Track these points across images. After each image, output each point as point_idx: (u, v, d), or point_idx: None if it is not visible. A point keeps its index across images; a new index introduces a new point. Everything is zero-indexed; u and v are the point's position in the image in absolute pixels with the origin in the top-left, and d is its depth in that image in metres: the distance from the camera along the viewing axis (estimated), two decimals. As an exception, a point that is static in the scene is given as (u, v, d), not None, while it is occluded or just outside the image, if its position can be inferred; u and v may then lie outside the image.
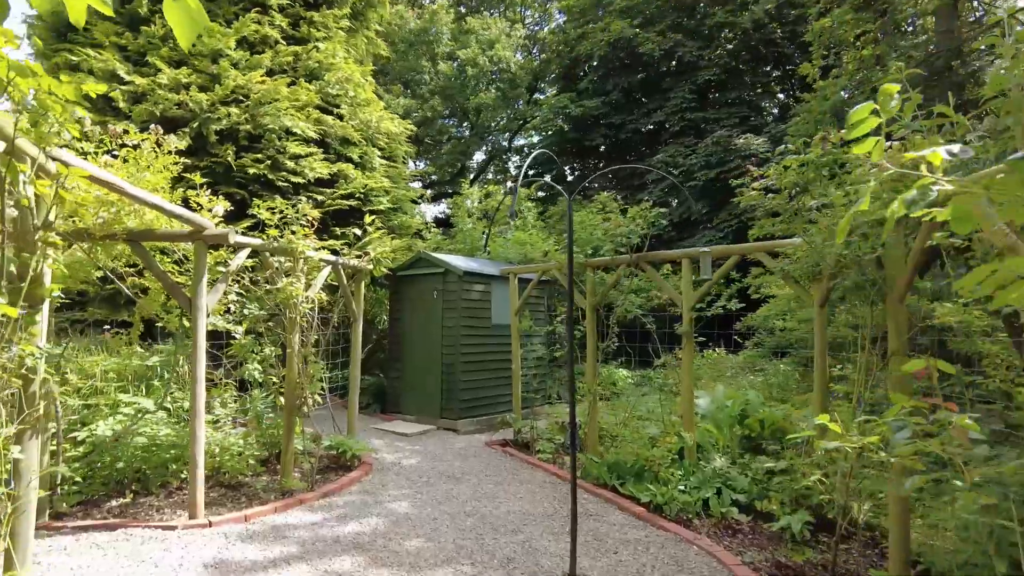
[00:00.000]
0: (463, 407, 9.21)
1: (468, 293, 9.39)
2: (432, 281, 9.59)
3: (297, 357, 6.02)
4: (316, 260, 6.42)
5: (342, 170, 9.57)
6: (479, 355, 9.54)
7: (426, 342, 9.64)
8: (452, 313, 9.30)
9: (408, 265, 9.96)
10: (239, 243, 5.38)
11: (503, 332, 10.02)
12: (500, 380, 9.95)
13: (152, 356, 7.07)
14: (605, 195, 14.30)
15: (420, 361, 9.72)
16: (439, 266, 9.48)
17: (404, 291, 10.05)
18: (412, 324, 9.90)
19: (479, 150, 28.77)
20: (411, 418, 9.74)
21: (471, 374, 9.38)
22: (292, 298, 5.89)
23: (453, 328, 9.27)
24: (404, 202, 11.32)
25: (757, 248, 6.04)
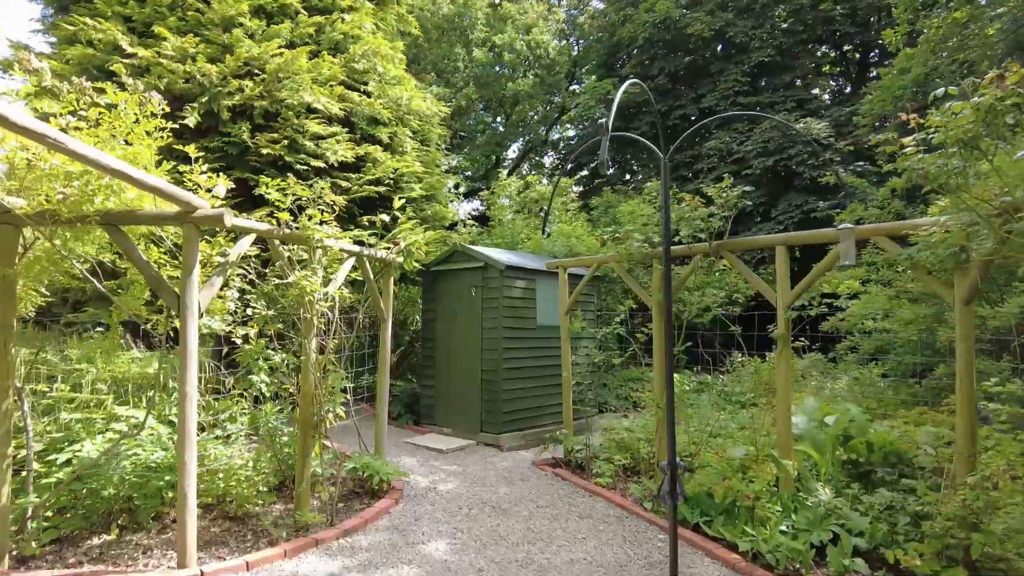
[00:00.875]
0: (506, 420, 8.22)
1: (510, 290, 8.39)
2: (470, 277, 8.62)
3: (314, 366, 5.09)
4: (336, 250, 5.50)
5: (369, 153, 8.68)
6: (523, 360, 8.54)
7: (463, 346, 8.67)
8: (493, 313, 8.32)
9: (443, 259, 9.02)
10: (239, 227, 4.47)
11: (550, 334, 8.99)
12: (547, 389, 8.93)
13: (154, 361, 6.25)
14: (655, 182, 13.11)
15: (457, 367, 8.76)
16: (478, 260, 8.51)
17: (439, 288, 9.11)
18: (448, 325, 8.94)
19: (515, 143, 27.76)
20: (447, 431, 8.79)
21: (515, 382, 8.38)
22: (307, 295, 4.97)
23: (494, 330, 8.29)
24: (438, 190, 10.39)
25: (877, 232, 4.87)
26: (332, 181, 8.26)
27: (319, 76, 8.27)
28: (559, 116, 28.60)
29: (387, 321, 6.61)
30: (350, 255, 5.89)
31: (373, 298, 6.38)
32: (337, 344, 5.56)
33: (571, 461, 7.28)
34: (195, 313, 4.13)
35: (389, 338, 6.66)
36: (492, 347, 8.30)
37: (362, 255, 6.02)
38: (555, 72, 25.00)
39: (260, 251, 5.23)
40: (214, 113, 7.43)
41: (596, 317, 9.90)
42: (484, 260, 8.42)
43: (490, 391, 8.29)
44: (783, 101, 21.63)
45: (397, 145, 9.44)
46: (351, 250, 5.83)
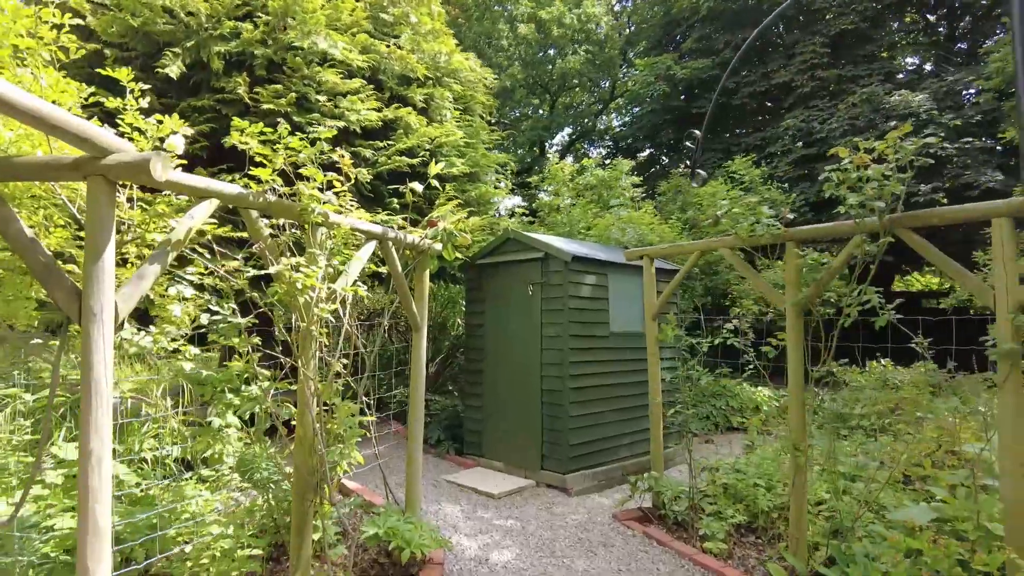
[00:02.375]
0: (574, 455, 6.54)
1: (578, 287, 6.71)
2: (526, 271, 6.97)
3: (313, 400, 3.51)
4: (347, 230, 3.91)
5: (400, 117, 7.10)
6: (595, 377, 6.84)
7: (518, 358, 7.02)
8: (555, 316, 6.65)
9: (492, 250, 7.38)
10: (184, 186, 2.92)
11: (626, 343, 7.28)
12: (624, 414, 7.22)
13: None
14: (740, 160, 11.25)
15: (510, 385, 7.11)
16: (536, 249, 6.84)
17: (486, 286, 7.48)
18: (498, 332, 7.31)
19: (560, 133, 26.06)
20: (498, 466, 7.15)
21: (584, 406, 6.70)
22: (300, 294, 3.39)
23: (557, 339, 6.61)
24: (484, 169, 8.76)
25: None
26: (353, 151, 6.72)
27: (337, 21, 6.73)
28: (611, 99, 26.77)
29: (421, 329, 5.00)
30: (369, 238, 4.30)
31: (403, 298, 4.78)
32: (345, 364, 3.98)
33: (667, 515, 5.56)
34: (107, 321, 2.57)
35: (424, 352, 5.05)
36: (555, 360, 6.63)
37: (386, 239, 4.43)
38: (607, 48, 23.17)
39: (235, 229, 3.68)
40: (203, 63, 5.95)
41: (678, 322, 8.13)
42: (544, 250, 6.76)
43: (553, 417, 6.62)
44: (868, 75, 19.34)
45: (434, 111, 7.86)
46: (370, 232, 4.25)
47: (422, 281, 5.03)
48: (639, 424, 7.40)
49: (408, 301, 4.80)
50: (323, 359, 3.85)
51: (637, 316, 7.51)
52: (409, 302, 4.82)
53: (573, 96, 27.15)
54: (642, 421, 7.43)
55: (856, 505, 4.59)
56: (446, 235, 4.81)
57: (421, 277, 5.03)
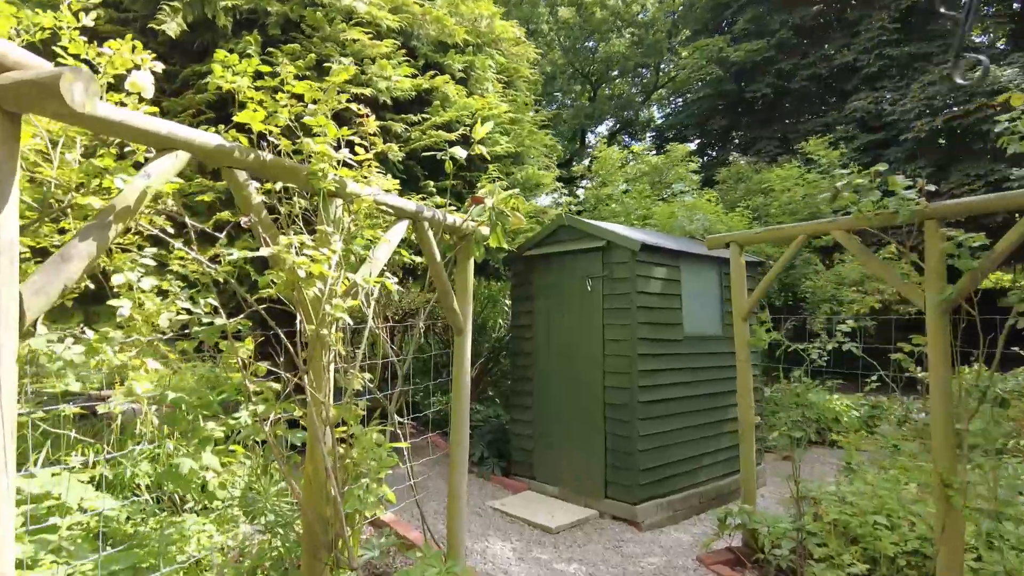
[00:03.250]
0: (646, 480, 5.56)
1: (647, 282, 5.72)
2: (583, 263, 6.01)
3: (324, 430, 2.63)
4: (370, 202, 3.02)
5: (437, 87, 6.22)
6: (668, 388, 5.85)
7: (575, 364, 6.07)
8: (620, 316, 5.68)
9: (541, 239, 6.44)
10: (128, 127, 2.07)
11: (702, 348, 6.27)
12: (702, 430, 6.21)
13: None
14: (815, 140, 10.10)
15: (565, 395, 6.16)
16: (596, 238, 5.88)
17: (536, 281, 6.54)
18: (548, 334, 6.37)
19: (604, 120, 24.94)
20: (552, 490, 6.20)
21: (657, 422, 5.71)
22: (306, 285, 2.51)
23: (623, 343, 5.64)
24: (530, 150, 7.83)
25: None
26: (382, 125, 5.86)
27: (363, -21, 5.87)
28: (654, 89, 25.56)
29: (465, 332, 4.09)
30: (400, 217, 3.41)
31: (442, 294, 3.87)
32: (376, 377, 3.10)
33: (766, 560, 4.55)
34: (9, 324, 1.73)
35: (468, 360, 4.14)
36: (619, 368, 5.66)
37: (421, 219, 3.53)
38: (654, 31, 22.01)
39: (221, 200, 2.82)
40: (209, 21, 5.15)
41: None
42: (606, 238, 5.79)
43: (619, 436, 5.65)
44: (941, 51, 17.80)
45: (474, 82, 6.95)
46: (401, 209, 3.36)
47: (465, 273, 4.12)
48: (717, 442, 6.38)
49: (448, 297, 3.89)
50: (341, 371, 2.97)
51: (713, 316, 6.50)
52: (450, 298, 3.91)
53: (614, 87, 26.05)
54: (721, 439, 6.42)
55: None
56: (495, 215, 3.89)
57: (464, 268, 4.12)
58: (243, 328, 2.63)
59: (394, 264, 3.64)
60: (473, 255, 4.06)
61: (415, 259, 3.73)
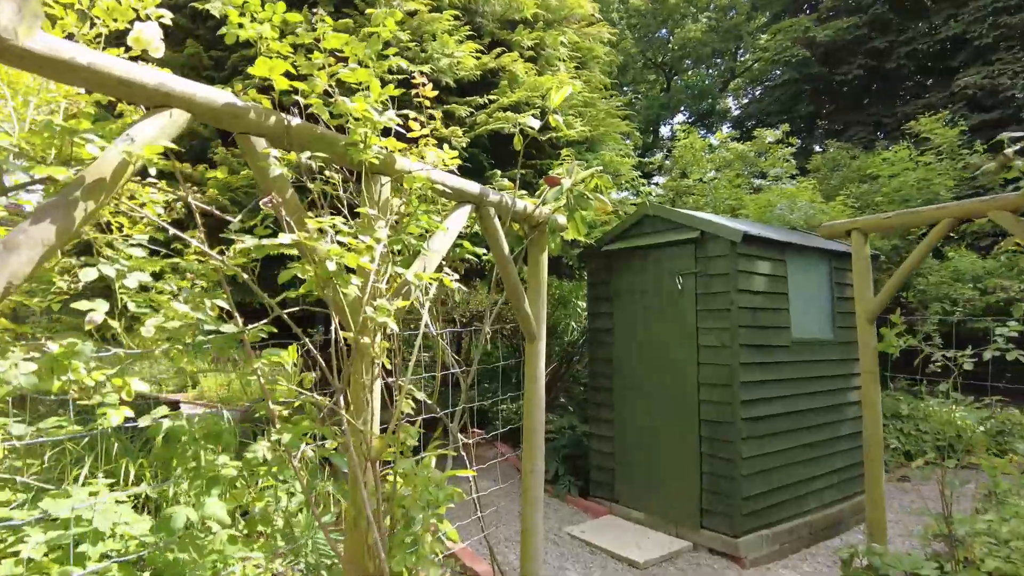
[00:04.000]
0: (749, 510, 4.80)
1: (749, 279, 4.96)
2: (672, 257, 5.30)
3: (366, 466, 2.09)
4: (424, 180, 2.47)
5: (504, 66, 5.66)
6: (775, 403, 5.08)
7: (662, 374, 5.37)
8: (718, 318, 4.94)
9: (621, 232, 5.77)
10: (94, 72, 1.55)
11: (812, 355, 5.46)
12: (812, 450, 5.41)
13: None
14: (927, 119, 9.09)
15: (652, 408, 5.47)
16: (687, 228, 5.17)
17: (616, 279, 5.87)
18: (631, 339, 5.69)
19: (679, 111, 23.83)
20: (638, 516, 5.52)
21: (762, 442, 4.95)
22: (342, 283, 1.97)
23: (721, 350, 4.90)
24: (606, 136, 7.16)
25: None
26: (444, 110, 5.34)
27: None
28: (732, 77, 24.29)
29: (538, 339, 3.49)
30: (460, 201, 2.85)
31: (511, 293, 3.28)
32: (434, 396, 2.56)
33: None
34: None
35: (542, 371, 3.53)
36: (718, 379, 4.92)
37: (485, 203, 2.96)
38: (731, 15, 20.83)
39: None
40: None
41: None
42: (700, 227, 5.06)
43: (717, 458, 4.91)
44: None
45: (545, 61, 6.35)
46: (462, 191, 2.80)
47: (538, 269, 3.51)
48: (828, 464, 5.55)
49: (519, 298, 3.30)
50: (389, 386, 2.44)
51: (823, 318, 5.68)
52: (520, 299, 3.31)
53: (687, 78, 24.91)
54: (832, 460, 5.59)
55: None
56: (573, 199, 3.26)
57: (537, 263, 3.51)
58: (266, 334, 2.11)
59: (454, 259, 3.08)
60: (548, 248, 3.45)
61: (480, 252, 3.16)
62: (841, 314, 5.81)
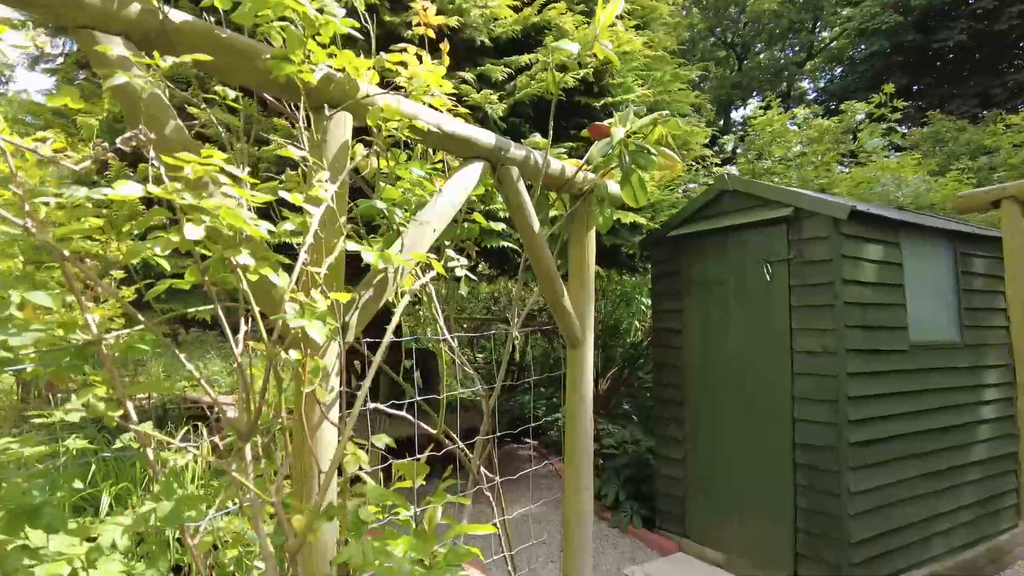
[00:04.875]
0: (861, 556, 3.84)
1: (857, 267, 3.98)
2: (759, 242, 4.37)
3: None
4: (394, 110, 1.68)
5: (550, 20, 4.84)
6: (891, 422, 4.08)
7: (747, 386, 4.44)
8: (817, 316, 3.99)
9: (694, 213, 4.87)
10: None
11: (939, 361, 4.43)
12: (937, 480, 4.38)
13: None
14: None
15: (732, 428, 4.55)
16: (778, 204, 4.22)
17: (686, 269, 4.97)
18: (707, 341, 4.77)
19: (752, 92, 22.28)
20: (714, 556, 4.61)
21: (875, 471, 3.97)
22: (230, 248, 1.20)
23: (823, 356, 3.95)
24: (672, 105, 6.23)
25: None
26: (477, 72, 4.57)
27: None
28: (811, 53, 22.59)
29: (583, 343, 2.67)
30: (468, 156, 2.08)
31: (545, 285, 2.47)
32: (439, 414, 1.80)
33: None
34: None
35: (588, 388, 2.71)
36: (819, 392, 3.96)
37: (504, 160, 2.18)
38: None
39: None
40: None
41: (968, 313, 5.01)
42: (794, 204, 4.10)
43: (818, 490, 3.96)
44: None
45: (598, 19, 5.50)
46: (469, 141, 2.02)
47: (583, 252, 2.69)
48: (956, 497, 4.51)
49: (555, 291, 2.48)
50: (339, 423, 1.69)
51: (948, 316, 4.63)
52: (557, 293, 2.49)
53: (757, 60, 23.33)
54: (961, 493, 4.54)
55: None
56: (630, 154, 2.42)
57: (581, 244, 2.69)
58: (151, 348, 1.38)
59: (462, 238, 2.30)
60: (596, 224, 2.62)
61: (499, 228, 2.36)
62: (969, 311, 4.73)
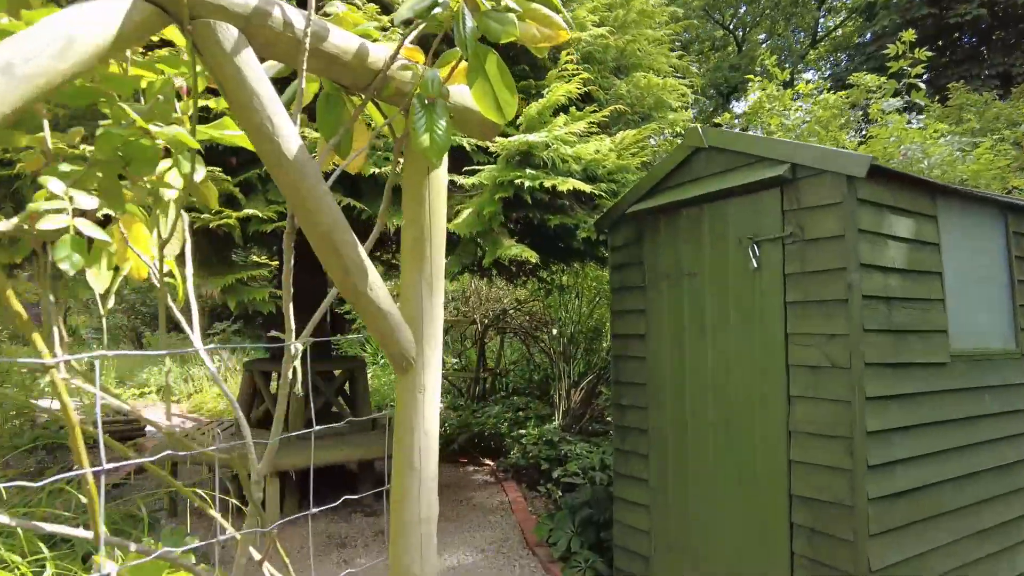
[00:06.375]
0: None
1: (878, 246, 2.88)
2: (741, 214, 3.27)
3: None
4: None
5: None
6: (925, 462, 2.98)
7: (727, 413, 3.34)
8: (822, 316, 2.89)
9: (662, 180, 3.76)
10: None
11: (990, 378, 3.33)
12: (992, 539, 3.28)
13: None
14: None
15: (709, 468, 3.44)
16: (770, 162, 3.11)
17: (650, 256, 3.86)
18: (677, 353, 3.66)
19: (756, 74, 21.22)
20: (686, 641, 3.50)
21: (908, 536, 2.87)
22: None
23: (830, 372, 2.84)
24: (645, 54, 5.15)
25: None
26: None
27: None
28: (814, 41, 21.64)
29: (422, 365, 1.56)
30: None
31: (326, 259, 1.36)
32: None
33: None
34: None
35: (432, 441, 1.67)
36: (824, 425, 2.86)
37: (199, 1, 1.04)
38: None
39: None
40: None
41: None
42: (790, 160, 3.01)
43: (820, 559, 2.86)
44: None
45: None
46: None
47: (419, 205, 1.59)
48: (1011, 561, 3.41)
49: (344, 269, 1.38)
50: None
51: (1001, 315, 3.55)
52: (352, 274, 1.39)
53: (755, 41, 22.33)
54: (1021, 556, 3.44)
55: None
56: (473, 13, 1.31)
57: (416, 192, 1.59)
58: None
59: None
60: (419, 146, 1.51)
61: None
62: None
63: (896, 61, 6.42)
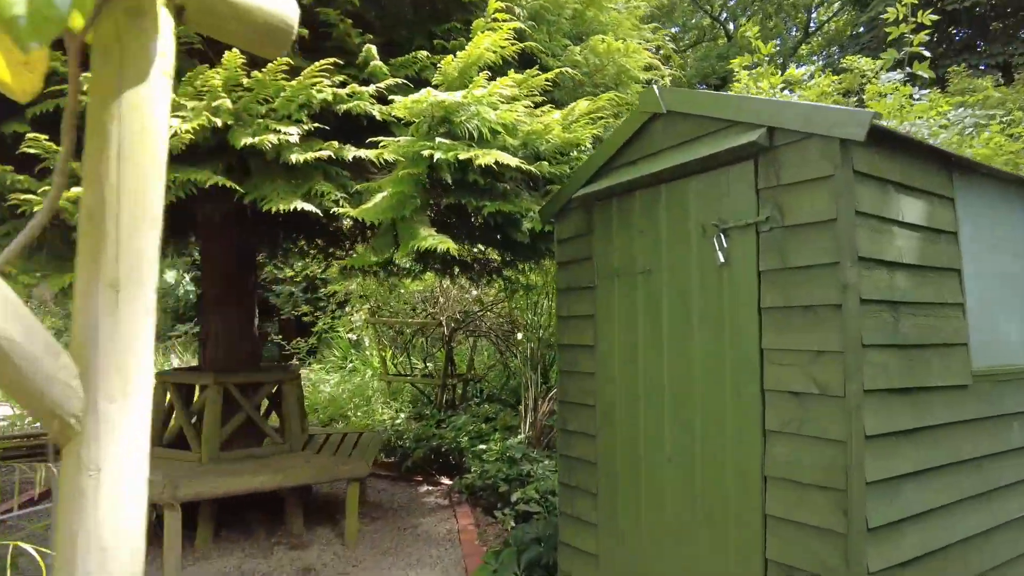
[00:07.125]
0: None
1: (881, 233, 2.22)
2: (706, 193, 2.60)
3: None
4: None
5: None
6: (941, 516, 2.32)
7: (691, 439, 2.66)
8: (807, 325, 2.23)
9: (612, 158, 3.09)
10: None
11: (1015, 404, 2.68)
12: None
13: None
14: None
15: (671, 509, 2.77)
16: (741, 126, 2.44)
17: (598, 251, 3.19)
18: (628, 368, 2.98)
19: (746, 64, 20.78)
20: None
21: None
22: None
23: (818, 400, 2.18)
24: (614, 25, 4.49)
25: None
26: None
27: None
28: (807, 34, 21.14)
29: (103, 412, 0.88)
30: None
31: None
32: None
33: None
34: None
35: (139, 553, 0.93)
36: (810, 471, 2.20)
37: None
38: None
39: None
40: None
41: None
42: (767, 121, 2.34)
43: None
44: None
45: None
46: None
47: (102, 139, 0.92)
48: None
49: None
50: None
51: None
52: None
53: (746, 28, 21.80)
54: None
55: None
56: None
57: (102, 113, 0.92)
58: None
59: None
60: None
61: None
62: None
63: (896, 27, 5.77)
